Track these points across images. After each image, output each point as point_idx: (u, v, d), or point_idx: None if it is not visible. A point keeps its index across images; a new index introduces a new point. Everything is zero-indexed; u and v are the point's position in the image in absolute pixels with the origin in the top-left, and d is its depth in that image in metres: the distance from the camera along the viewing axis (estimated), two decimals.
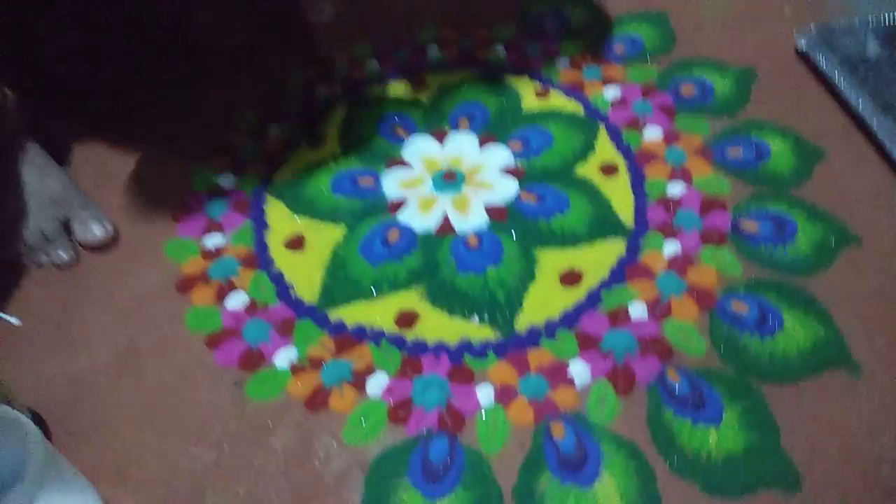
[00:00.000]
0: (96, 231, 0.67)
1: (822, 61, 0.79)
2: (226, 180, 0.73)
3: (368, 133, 0.76)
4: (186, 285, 0.64)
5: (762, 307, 0.59)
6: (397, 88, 0.81)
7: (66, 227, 0.67)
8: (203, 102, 0.80)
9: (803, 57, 0.81)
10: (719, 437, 0.51)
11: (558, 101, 0.78)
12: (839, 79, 0.77)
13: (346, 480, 0.51)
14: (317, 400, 0.56)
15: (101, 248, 0.67)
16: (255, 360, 0.58)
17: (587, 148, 0.72)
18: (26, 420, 0.41)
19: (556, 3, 0.90)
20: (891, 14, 0.83)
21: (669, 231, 0.65)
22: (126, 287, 0.64)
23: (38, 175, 0.68)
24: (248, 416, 0.55)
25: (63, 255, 0.66)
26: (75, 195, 0.68)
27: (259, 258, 0.66)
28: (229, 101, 0.80)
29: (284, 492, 0.51)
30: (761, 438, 0.51)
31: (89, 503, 0.46)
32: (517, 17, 0.89)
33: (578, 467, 0.50)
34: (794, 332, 0.57)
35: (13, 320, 0.62)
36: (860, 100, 0.74)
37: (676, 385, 0.54)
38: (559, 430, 0.53)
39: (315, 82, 0.82)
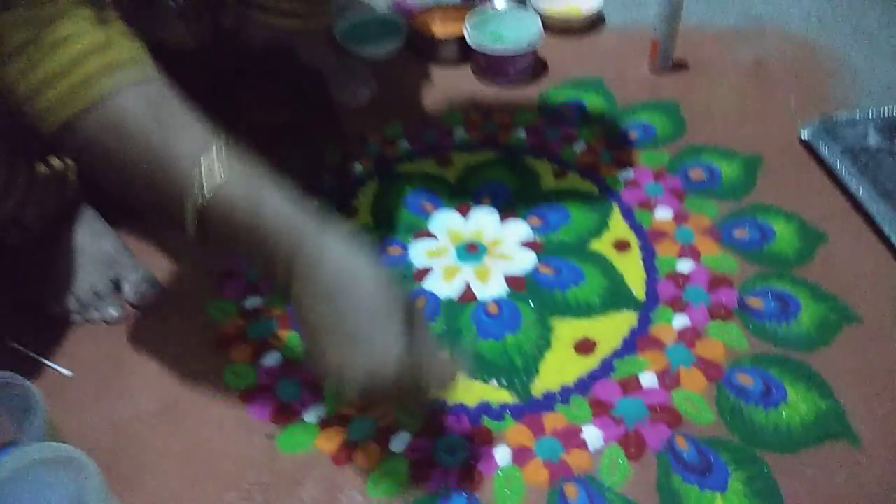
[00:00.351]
0: (144, 290, 0.72)
1: (824, 150, 0.84)
2: None
3: (398, 206, 0.82)
4: (226, 343, 0.69)
5: (767, 380, 0.62)
6: (425, 166, 0.87)
7: (117, 286, 0.73)
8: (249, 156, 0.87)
9: (807, 146, 0.86)
10: (726, 502, 0.54)
11: (575, 181, 0.84)
12: (841, 167, 0.82)
13: None
14: (343, 454, 0.59)
15: (147, 306, 0.72)
16: (286, 415, 0.62)
17: (601, 225, 0.78)
18: (85, 458, 0.45)
19: (574, 92, 0.97)
20: (891, 108, 0.89)
21: (679, 305, 0.69)
22: (170, 343, 0.69)
23: (92, 238, 0.74)
24: (279, 468, 0.59)
25: (113, 311, 0.71)
26: (126, 257, 0.74)
27: (294, 320, 0.70)
28: (271, 165, 0.87)
29: None
30: (764, 501, 0.54)
31: None
32: (538, 103, 0.96)
33: None
34: (797, 405, 0.60)
35: (64, 371, 0.67)
36: (860, 187, 0.79)
37: (685, 452, 0.57)
38: (572, 492, 0.55)
39: (350, 159, 0.89)
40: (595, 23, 1.11)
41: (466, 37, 0.99)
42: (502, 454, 0.58)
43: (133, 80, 0.49)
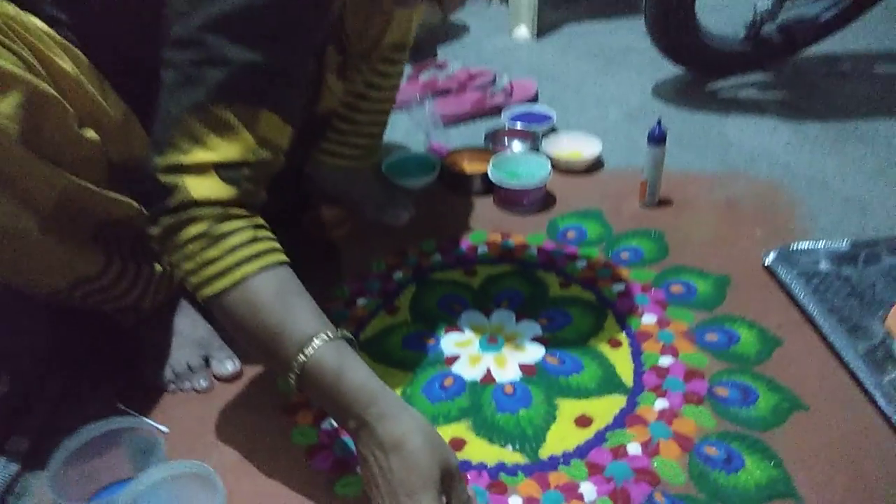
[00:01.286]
0: (229, 367, 0.89)
1: (783, 274, 1.03)
2: None
3: (432, 306, 1.00)
4: (293, 409, 0.85)
5: (729, 452, 0.77)
6: (455, 275, 1.06)
7: (206, 362, 0.90)
8: (310, 278, 1.06)
9: (769, 270, 1.05)
10: None
11: (577, 291, 1.02)
12: (796, 287, 1.00)
13: None
14: None
15: (230, 379, 0.89)
16: (342, 467, 0.78)
17: (598, 327, 0.95)
18: (214, 474, 0.61)
19: (577, 220, 1.18)
20: (839, 242, 1.08)
21: (660, 391, 0.85)
22: (247, 408, 0.85)
23: (189, 323, 0.92)
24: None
25: (203, 383, 0.88)
26: (216, 339, 0.92)
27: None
28: (329, 278, 1.06)
29: None
30: None
31: None
32: (547, 228, 1.16)
33: None
34: (753, 471, 0.75)
35: (163, 428, 0.83)
36: (811, 304, 0.97)
37: None
38: None
39: (393, 268, 1.09)
40: (595, 165, 1.34)
41: (489, 174, 1.22)
42: (515, 503, 0.73)
43: (268, 265, 0.67)
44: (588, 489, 0.74)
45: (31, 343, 0.89)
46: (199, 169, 0.66)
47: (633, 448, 0.78)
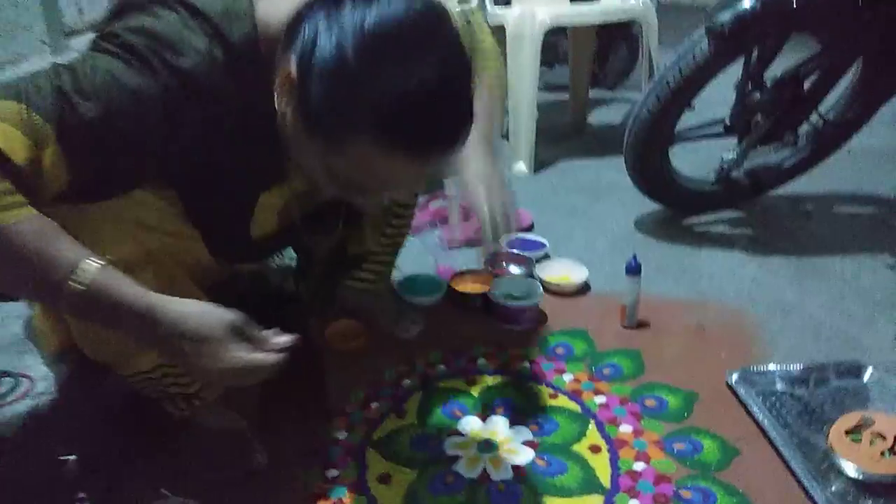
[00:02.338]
0: (261, 460, 1.02)
1: (743, 392, 1.18)
2: (341, 434, 1.10)
3: (436, 412, 1.15)
4: (314, 499, 0.98)
5: None
6: (457, 384, 1.21)
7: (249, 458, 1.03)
8: (331, 384, 1.21)
9: (731, 388, 1.20)
10: None
11: (564, 401, 1.17)
12: (754, 405, 1.15)
13: None
14: None
15: (257, 473, 1.02)
16: None
17: (581, 434, 1.09)
18: None
19: (565, 338, 1.34)
20: (794, 365, 1.24)
21: (633, 493, 0.98)
22: (279, 500, 0.98)
23: (219, 419, 1.06)
24: None
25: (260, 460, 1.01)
26: (250, 439, 1.06)
27: (360, 486, 1.00)
28: (347, 384, 1.21)
29: None
30: None
31: None
32: (539, 344, 1.32)
33: None
34: None
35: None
36: (766, 419, 1.11)
37: None
38: None
39: (402, 376, 1.24)
40: (582, 289, 1.52)
41: (489, 294, 1.39)
42: None
43: (27, 212, 0.70)
44: None
45: (97, 428, 1.03)
46: None
47: None
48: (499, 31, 2.36)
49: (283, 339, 0.80)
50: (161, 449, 1.04)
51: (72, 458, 0.95)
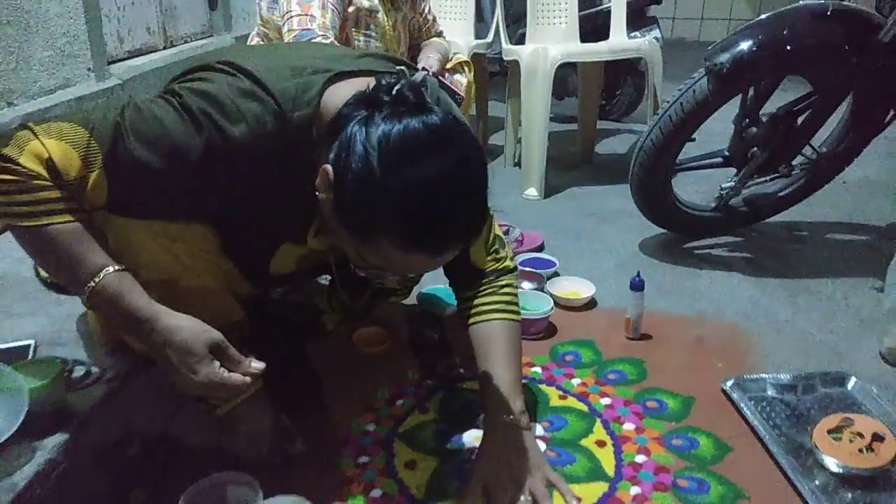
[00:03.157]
0: (299, 447, 1.14)
1: (736, 397, 1.29)
2: (370, 427, 1.22)
3: (457, 410, 1.26)
4: (348, 482, 1.09)
5: None
6: (474, 385, 1.32)
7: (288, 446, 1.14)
8: (359, 383, 1.33)
9: (726, 393, 1.31)
10: None
11: (572, 402, 1.28)
12: (746, 408, 1.26)
13: None
14: None
15: (297, 458, 1.13)
16: None
17: (588, 430, 1.20)
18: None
19: (574, 347, 1.46)
20: (784, 375, 1.35)
21: (635, 481, 1.09)
22: (314, 484, 1.09)
23: (262, 418, 1.17)
24: None
25: (298, 447, 1.12)
26: (290, 429, 1.17)
27: (389, 471, 1.11)
28: (373, 383, 1.33)
29: None
30: None
31: None
32: (549, 352, 1.44)
33: None
34: None
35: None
36: (757, 421, 1.22)
37: None
38: None
39: (424, 377, 1.36)
40: (590, 303, 1.64)
41: None
42: None
43: (72, 217, 0.84)
44: None
45: (152, 417, 1.14)
46: (35, 153, 0.81)
47: None
48: (514, 66, 2.52)
49: (256, 365, 0.93)
50: (209, 436, 1.15)
51: (134, 440, 1.06)
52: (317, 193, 0.89)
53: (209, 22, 3.36)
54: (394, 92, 0.84)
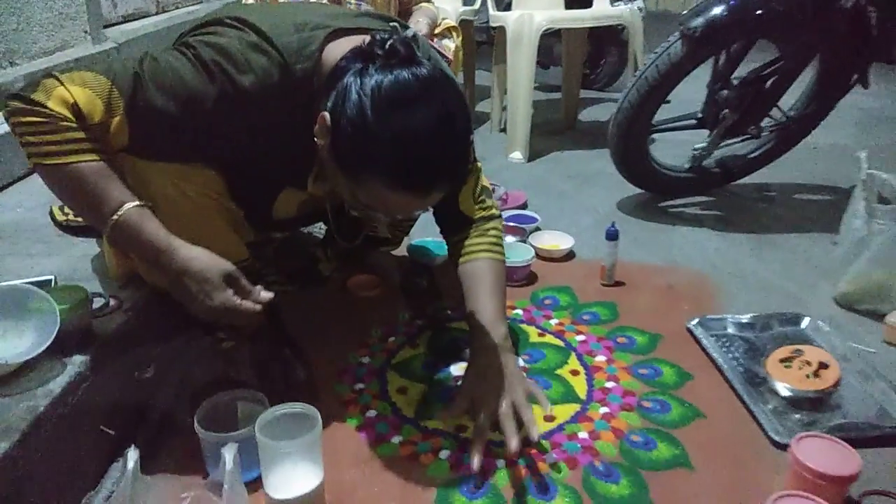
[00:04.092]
0: (301, 375, 1.24)
1: (699, 333, 1.41)
2: (365, 360, 1.33)
3: (445, 344, 1.37)
4: (347, 404, 1.20)
5: (647, 439, 1.12)
6: (460, 325, 1.44)
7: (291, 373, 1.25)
8: (355, 323, 1.44)
9: (690, 331, 1.43)
10: (618, 489, 1.02)
11: (550, 339, 1.40)
12: (707, 344, 1.38)
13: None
14: (413, 457, 1.08)
15: (298, 385, 1.24)
16: (380, 439, 1.12)
17: (563, 361, 1.32)
18: (314, 411, 0.95)
19: (552, 292, 1.57)
20: (742, 316, 1.47)
21: (604, 403, 1.21)
22: (315, 407, 1.20)
23: (265, 349, 1.28)
24: (377, 462, 1.07)
25: (300, 375, 1.22)
26: (291, 359, 1.27)
27: (383, 395, 1.22)
28: (367, 324, 1.44)
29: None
30: (639, 491, 1.02)
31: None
32: (530, 296, 1.55)
33: (545, 494, 1.01)
34: (663, 451, 1.10)
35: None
36: (717, 354, 1.34)
37: (599, 467, 1.06)
38: (538, 480, 1.04)
39: (414, 318, 1.46)
40: (569, 255, 1.75)
41: None
42: (500, 463, 1.07)
43: (95, 155, 0.93)
44: (550, 457, 1.08)
45: (168, 344, 1.24)
46: (62, 98, 0.90)
47: (583, 435, 1.13)
48: (500, 33, 2.60)
49: (265, 294, 1.02)
50: (216, 367, 1.26)
51: (150, 364, 1.17)
52: (315, 140, 0.98)
53: None
54: (387, 46, 0.93)
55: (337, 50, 1.00)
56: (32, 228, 1.39)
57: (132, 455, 0.83)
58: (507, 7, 2.68)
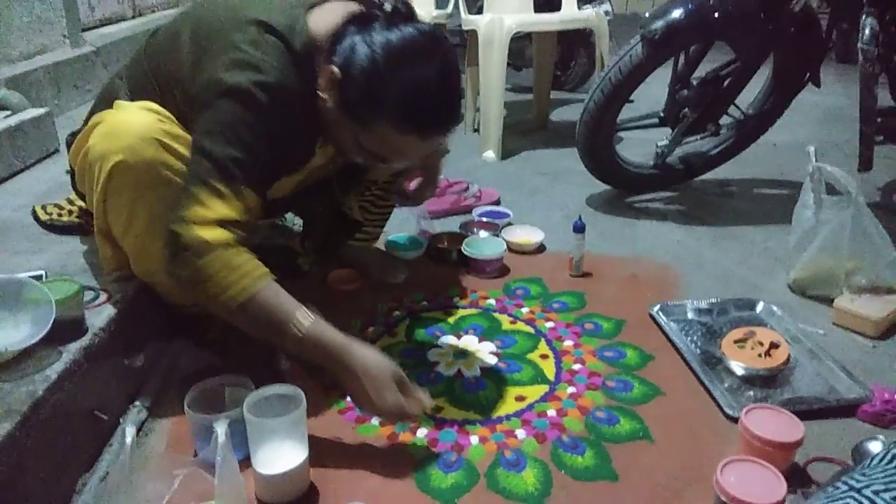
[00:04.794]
0: (285, 364, 1.30)
1: (661, 319, 1.50)
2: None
3: (421, 334, 1.44)
4: (328, 389, 1.26)
5: (610, 415, 1.20)
6: (436, 315, 1.51)
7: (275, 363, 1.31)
8: (335, 315, 1.50)
9: (652, 317, 1.51)
10: (583, 460, 1.10)
11: (521, 326, 1.48)
12: (667, 327, 1.47)
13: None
14: (393, 437, 1.15)
15: (283, 374, 1.30)
16: (361, 420, 1.19)
17: (534, 347, 1.40)
18: (300, 392, 1.02)
19: (524, 283, 1.65)
20: (702, 301, 1.56)
21: (571, 383, 1.29)
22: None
23: (248, 340, 1.34)
24: (359, 440, 1.14)
25: (284, 364, 1.28)
26: (275, 350, 1.33)
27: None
28: (345, 316, 1.50)
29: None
30: (602, 462, 1.10)
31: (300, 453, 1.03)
32: (503, 287, 1.63)
33: (515, 466, 1.08)
34: (625, 425, 1.18)
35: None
36: (676, 338, 1.43)
37: (566, 441, 1.14)
38: (508, 454, 1.11)
39: (392, 309, 1.53)
40: (539, 248, 1.83)
41: (463, 249, 1.69)
42: (474, 440, 1.14)
43: (268, 280, 1.02)
44: (520, 433, 1.16)
45: (156, 334, 1.30)
46: (204, 222, 0.98)
47: (551, 413, 1.21)
48: (472, 36, 2.68)
49: (428, 402, 1.07)
50: (203, 356, 1.31)
51: (140, 353, 1.22)
52: (318, 93, 1.05)
53: None
54: (388, 7, 1.03)
55: (320, 20, 1.07)
56: (18, 227, 1.43)
57: (129, 431, 0.89)
58: (479, 11, 2.76)
